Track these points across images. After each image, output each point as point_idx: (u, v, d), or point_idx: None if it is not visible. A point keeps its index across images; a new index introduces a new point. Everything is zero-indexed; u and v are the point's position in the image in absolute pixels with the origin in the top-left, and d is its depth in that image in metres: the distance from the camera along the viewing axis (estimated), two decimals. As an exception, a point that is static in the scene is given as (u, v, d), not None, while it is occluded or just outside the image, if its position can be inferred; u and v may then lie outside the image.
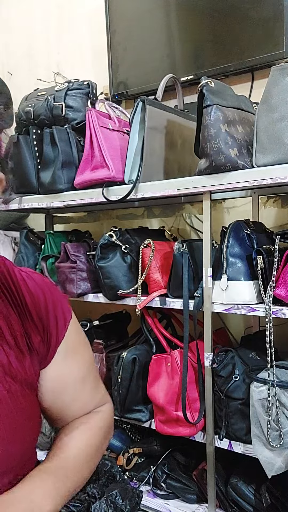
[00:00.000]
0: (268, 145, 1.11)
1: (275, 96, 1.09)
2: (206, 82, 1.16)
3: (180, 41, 1.69)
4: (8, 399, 0.60)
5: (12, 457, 0.60)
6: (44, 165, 1.61)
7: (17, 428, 0.60)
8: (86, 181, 1.49)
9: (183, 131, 1.51)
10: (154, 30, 1.75)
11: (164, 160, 1.44)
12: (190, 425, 1.28)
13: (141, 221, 1.94)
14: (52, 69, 2.22)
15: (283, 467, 1.12)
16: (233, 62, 1.55)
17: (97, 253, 1.45)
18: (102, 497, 1.19)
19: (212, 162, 1.16)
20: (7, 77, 2.38)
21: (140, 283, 1.39)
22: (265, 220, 1.56)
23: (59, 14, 2.21)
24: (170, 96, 1.67)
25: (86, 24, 2.11)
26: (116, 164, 1.43)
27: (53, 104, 1.61)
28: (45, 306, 0.69)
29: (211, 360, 1.27)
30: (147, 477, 1.47)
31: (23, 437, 0.61)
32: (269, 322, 1.13)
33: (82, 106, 1.63)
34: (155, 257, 1.38)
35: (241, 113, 1.25)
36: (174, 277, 1.33)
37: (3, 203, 1.74)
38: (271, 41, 1.45)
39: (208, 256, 1.25)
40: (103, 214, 2.07)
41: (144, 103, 1.34)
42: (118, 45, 1.85)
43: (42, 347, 0.67)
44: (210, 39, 1.61)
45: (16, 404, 0.61)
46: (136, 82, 1.81)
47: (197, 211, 1.79)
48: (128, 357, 1.41)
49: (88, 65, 2.11)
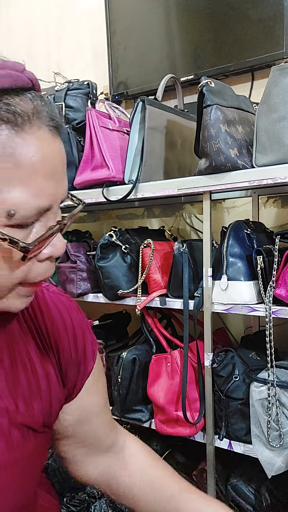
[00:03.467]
0: (268, 145, 1.11)
1: (275, 96, 1.09)
2: (206, 82, 1.16)
3: (180, 41, 1.69)
4: (6, 451, 0.56)
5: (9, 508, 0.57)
6: (44, 165, 1.61)
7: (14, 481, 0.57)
8: (86, 181, 1.49)
9: (183, 131, 1.51)
10: (154, 30, 1.75)
11: (164, 160, 1.44)
12: (190, 425, 1.28)
13: (141, 221, 1.94)
14: (52, 69, 2.22)
15: (283, 467, 1.12)
16: (233, 62, 1.55)
17: (97, 253, 1.45)
18: (102, 497, 1.19)
19: (212, 162, 1.16)
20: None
21: (140, 283, 1.39)
22: (265, 220, 1.56)
23: (59, 14, 2.21)
24: (170, 96, 1.67)
25: (86, 24, 2.11)
26: (116, 164, 1.43)
27: (53, 104, 1.61)
28: (73, 333, 0.64)
29: (211, 360, 1.27)
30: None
31: (23, 488, 0.58)
32: (269, 322, 1.13)
33: (82, 106, 1.63)
34: (155, 257, 1.38)
35: (241, 113, 1.25)
36: (174, 277, 1.33)
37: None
38: (271, 41, 1.45)
39: (208, 256, 1.25)
40: (103, 214, 2.07)
41: (144, 103, 1.34)
42: (118, 45, 1.85)
43: (72, 375, 0.64)
44: (210, 39, 1.61)
45: (14, 456, 0.57)
46: (136, 82, 1.81)
47: (197, 211, 1.79)
48: (128, 357, 1.41)
49: (88, 65, 2.11)
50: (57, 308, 0.64)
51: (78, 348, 0.65)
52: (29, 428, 0.58)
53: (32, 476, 0.60)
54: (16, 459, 0.56)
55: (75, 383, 0.65)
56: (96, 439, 0.71)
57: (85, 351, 0.66)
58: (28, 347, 0.60)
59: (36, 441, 0.59)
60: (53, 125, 0.46)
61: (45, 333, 0.62)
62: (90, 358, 0.66)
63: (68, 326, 0.64)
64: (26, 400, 0.58)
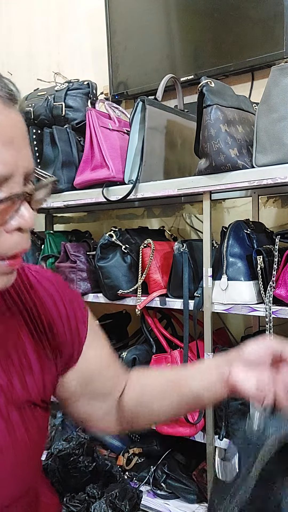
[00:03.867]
0: (268, 145, 1.11)
1: (275, 96, 1.09)
2: (206, 82, 1.16)
3: (180, 41, 1.69)
4: (6, 433, 0.57)
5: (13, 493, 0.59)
6: (44, 165, 1.61)
7: (17, 464, 0.58)
8: (86, 181, 1.49)
9: (183, 131, 1.51)
10: (154, 30, 1.74)
11: (164, 160, 1.44)
12: (190, 425, 1.28)
13: (141, 221, 1.94)
14: (52, 69, 2.22)
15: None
16: (233, 62, 1.55)
17: (97, 253, 1.45)
18: (102, 497, 1.19)
19: (212, 162, 1.16)
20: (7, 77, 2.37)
21: (140, 283, 1.39)
22: (265, 220, 1.56)
23: (59, 14, 2.21)
24: (170, 96, 1.67)
25: (86, 24, 2.11)
26: (116, 164, 1.43)
27: (53, 104, 1.61)
28: (64, 307, 0.67)
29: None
30: (147, 477, 1.47)
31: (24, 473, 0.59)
32: (269, 322, 1.13)
33: (82, 106, 1.63)
34: (155, 257, 1.38)
35: (241, 113, 1.25)
36: (174, 277, 1.33)
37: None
38: (271, 41, 1.45)
39: (208, 256, 1.25)
40: (103, 214, 2.06)
41: (144, 103, 1.34)
42: (118, 45, 1.85)
43: (66, 348, 0.66)
44: (210, 39, 1.60)
45: (15, 437, 0.58)
46: (136, 82, 1.81)
47: (197, 211, 1.79)
48: (128, 357, 1.41)
49: (88, 65, 2.11)
50: (43, 287, 0.66)
51: (70, 320, 0.67)
52: (26, 404, 0.59)
53: (33, 458, 0.61)
54: (17, 441, 0.57)
55: (71, 354, 0.67)
56: (107, 390, 0.72)
57: (77, 321, 0.68)
58: (18, 330, 0.61)
59: (34, 420, 0.60)
60: (6, 96, 0.47)
61: (35, 315, 0.64)
62: (82, 325, 0.68)
63: (58, 302, 0.66)
64: (20, 377, 0.59)
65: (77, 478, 1.27)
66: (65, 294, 0.68)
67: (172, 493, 1.43)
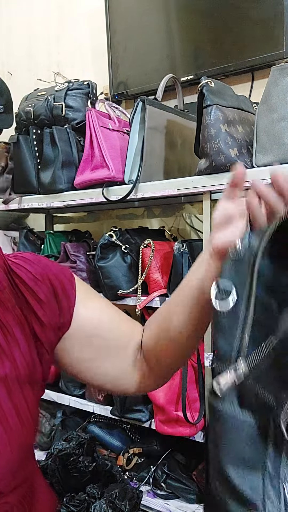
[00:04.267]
0: (268, 145, 1.11)
1: (275, 96, 1.09)
2: (206, 82, 1.16)
3: (180, 41, 1.69)
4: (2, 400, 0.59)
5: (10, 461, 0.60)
6: (44, 165, 1.61)
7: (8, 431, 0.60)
8: (86, 181, 1.49)
9: (183, 131, 1.51)
10: (154, 30, 1.74)
11: (164, 160, 1.44)
12: (190, 425, 1.28)
13: (141, 221, 1.94)
14: (52, 69, 2.22)
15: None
16: (233, 62, 1.55)
17: (97, 253, 1.45)
18: (102, 497, 1.19)
19: (212, 162, 1.16)
20: (7, 77, 2.38)
21: (140, 283, 1.39)
22: (265, 220, 1.56)
23: (59, 14, 2.21)
24: (170, 96, 1.67)
25: (86, 24, 2.10)
26: (116, 164, 1.43)
27: (53, 104, 1.61)
28: (47, 281, 0.68)
29: (211, 360, 1.27)
30: (147, 477, 1.47)
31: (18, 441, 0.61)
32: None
33: (82, 106, 1.63)
34: (155, 257, 1.38)
35: (241, 113, 1.25)
36: (174, 277, 1.33)
37: (3, 203, 1.74)
38: (271, 41, 1.45)
39: (208, 256, 1.25)
40: (103, 214, 2.06)
41: (144, 103, 1.34)
42: (118, 45, 1.85)
43: (55, 318, 0.67)
44: (210, 39, 1.60)
45: (8, 406, 0.60)
46: (136, 82, 1.81)
47: (197, 211, 1.79)
48: (128, 357, 1.41)
49: (88, 65, 2.11)
50: (26, 271, 0.67)
51: (57, 290, 0.68)
52: (15, 381, 0.61)
53: (23, 440, 0.61)
54: (4, 415, 0.59)
55: (62, 322, 0.68)
56: (116, 343, 0.72)
57: (64, 289, 0.69)
58: (3, 311, 0.63)
59: (23, 398, 0.62)
60: None
61: (18, 295, 0.65)
62: (70, 291, 0.70)
63: (39, 277, 0.68)
64: (6, 353, 0.61)
65: (77, 478, 1.27)
66: (47, 269, 0.70)
67: (172, 493, 1.43)
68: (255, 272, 0.50)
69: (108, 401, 1.55)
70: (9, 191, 1.74)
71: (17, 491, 0.63)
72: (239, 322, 0.49)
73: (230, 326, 0.50)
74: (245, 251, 0.53)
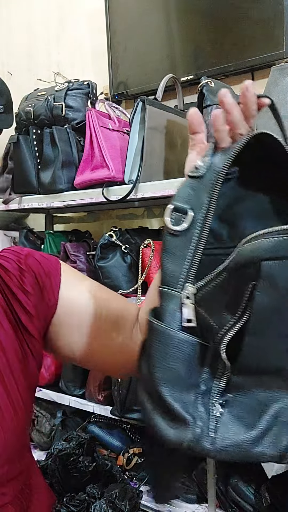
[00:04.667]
0: (268, 145, 1.11)
1: (275, 96, 1.09)
2: (206, 82, 1.17)
3: (180, 41, 1.69)
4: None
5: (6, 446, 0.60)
6: (44, 165, 1.61)
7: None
8: (86, 181, 1.49)
9: (183, 131, 1.51)
10: (154, 30, 1.74)
11: (164, 160, 1.44)
12: (190, 425, 1.28)
13: (141, 221, 1.94)
14: (52, 69, 2.22)
15: (283, 467, 1.12)
16: (233, 62, 1.55)
17: (97, 253, 1.45)
18: (102, 497, 1.19)
19: (212, 162, 1.16)
20: (7, 77, 2.38)
21: (140, 283, 1.39)
22: (265, 220, 1.56)
23: (59, 14, 2.21)
24: (170, 96, 1.67)
25: (86, 24, 2.10)
26: (116, 164, 1.43)
27: (53, 104, 1.61)
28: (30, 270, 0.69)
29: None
30: (147, 477, 1.47)
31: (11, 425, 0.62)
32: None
33: (82, 106, 1.63)
34: (155, 257, 1.38)
35: (241, 113, 1.25)
36: (174, 277, 1.33)
37: (3, 203, 1.74)
38: (271, 41, 1.45)
39: (208, 256, 1.25)
40: (103, 214, 2.06)
41: (144, 103, 1.34)
42: (118, 45, 1.85)
43: (43, 306, 0.68)
44: (210, 39, 1.60)
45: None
46: (136, 82, 1.81)
47: (197, 211, 1.79)
48: (128, 357, 1.41)
49: (88, 65, 2.11)
50: (13, 268, 0.68)
51: (41, 277, 0.69)
52: (7, 371, 0.62)
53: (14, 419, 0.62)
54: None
55: (47, 304, 0.68)
56: (111, 321, 0.71)
57: (49, 275, 0.69)
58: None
59: (15, 384, 0.62)
60: None
61: (3, 286, 0.66)
62: (55, 276, 0.70)
63: (24, 267, 0.68)
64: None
65: (77, 478, 1.27)
66: (29, 256, 0.70)
67: (172, 493, 1.43)
68: (215, 195, 0.49)
69: (108, 401, 1.55)
70: (9, 191, 1.74)
71: (13, 484, 0.63)
72: (191, 246, 0.48)
73: (182, 249, 0.49)
74: (206, 171, 0.51)
